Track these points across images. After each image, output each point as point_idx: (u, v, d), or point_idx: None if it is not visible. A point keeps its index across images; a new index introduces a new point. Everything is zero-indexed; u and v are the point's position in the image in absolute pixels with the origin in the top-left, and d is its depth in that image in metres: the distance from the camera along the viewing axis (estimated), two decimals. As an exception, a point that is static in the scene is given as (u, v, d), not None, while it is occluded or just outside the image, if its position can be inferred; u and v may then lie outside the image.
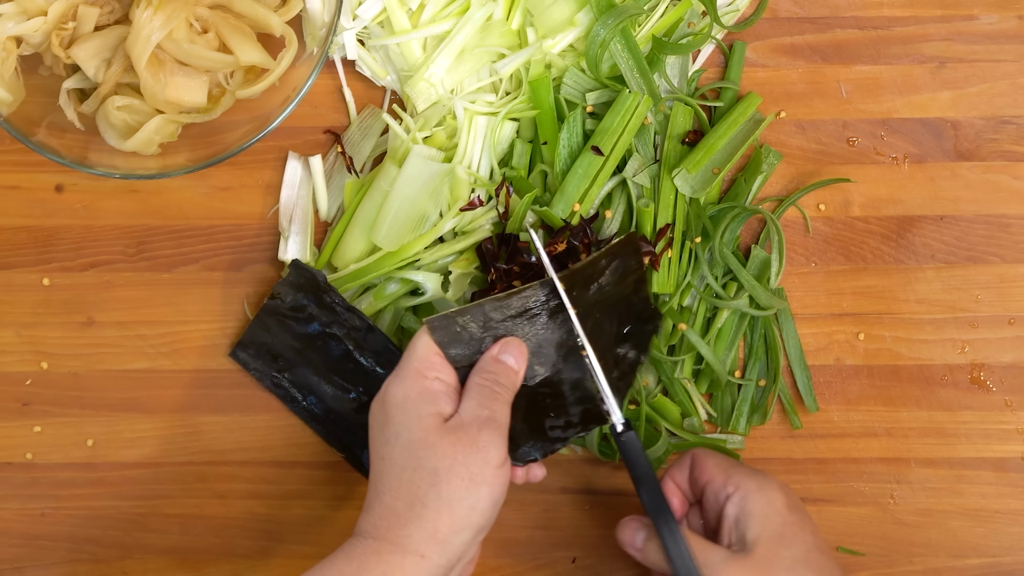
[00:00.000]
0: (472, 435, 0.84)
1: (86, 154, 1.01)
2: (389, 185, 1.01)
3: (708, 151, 1.01)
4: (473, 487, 0.83)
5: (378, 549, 0.83)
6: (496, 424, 0.85)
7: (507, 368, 0.89)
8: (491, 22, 1.03)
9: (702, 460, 0.91)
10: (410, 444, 0.84)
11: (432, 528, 0.82)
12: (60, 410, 1.05)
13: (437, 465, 0.83)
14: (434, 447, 0.83)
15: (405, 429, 0.84)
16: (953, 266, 1.04)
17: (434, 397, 0.86)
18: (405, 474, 0.83)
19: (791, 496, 0.89)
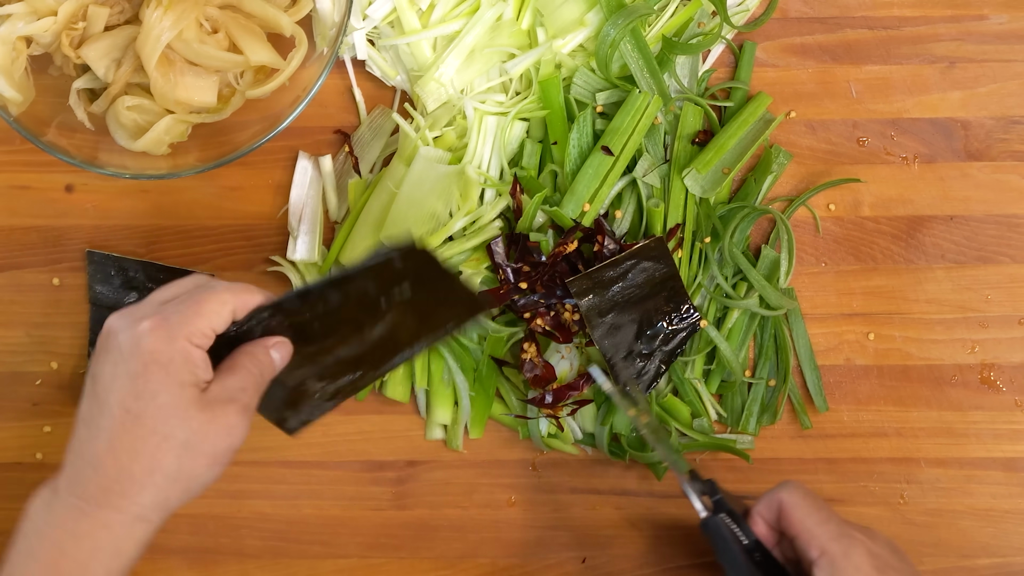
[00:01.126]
0: (229, 417, 0.80)
1: (96, 154, 1.00)
2: (397, 185, 1.01)
3: (718, 151, 1.00)
4: (212, 466, 0.80)
5: (106, 520, 0.78)
6: (250, 412, 0.82)
7: (271, 362, 0.84)
8: (501, 22, 1.02)
9: (789, 513, 0.88)
10: (165, 409, 0.78)
11: (164, 497, 0.79)
12: (70, 410, 1.04)
13: (188, 439, 0.78)
14: (190, 419, 0.78)
15: (164, 391, 0.78)
16: (963, 266, 1.03)
17: (195, 364, 0.80)
18: (153, 439, 0.78)
19: (879, 556, 0.86)
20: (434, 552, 1.03)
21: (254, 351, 0.83)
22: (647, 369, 0.97)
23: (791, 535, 0.88)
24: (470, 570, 1.03)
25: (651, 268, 0.97)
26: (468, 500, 1.03)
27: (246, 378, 0.82)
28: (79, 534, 0.79)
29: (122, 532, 0.79)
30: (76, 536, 0.79)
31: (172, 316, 0.80)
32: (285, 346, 0.85)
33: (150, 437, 0.79)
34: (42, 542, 0.79)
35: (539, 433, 1.02)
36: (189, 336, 0.80)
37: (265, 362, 0.84)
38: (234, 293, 0.82)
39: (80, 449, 0.81)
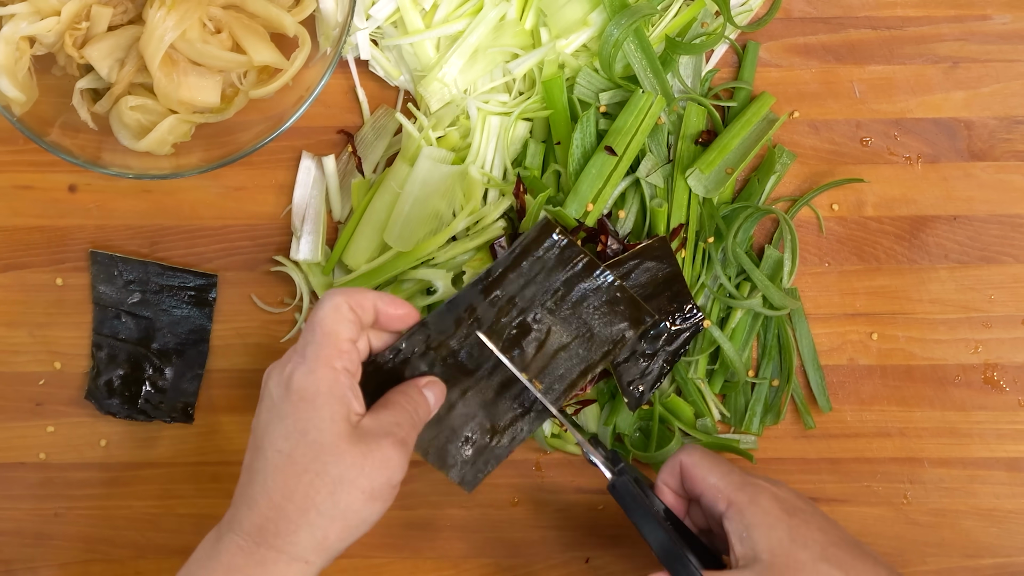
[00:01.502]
0: (384, 451, 0.79)
1: (99, 154, 1.00)
2: (400, 185, 1.00)
3: (721, 151, 1.00)
4: (371, 502, 0.79)
5: (262, 558, 0.78)
6: (406, 448, 0.81)
7: (427, 403, 0.85)
8: (504, 22, 1.02)
9: (690, 472, 0.88)
10: (316, 445, 0.78)
11: (322, 536, 0.78)
12: (73, 410, 1.04)
13: (342, 474, 0.78)
14: (343, 455, 0.78)
15: (314, 428, 0.79)
16: (966, 266, 1.03)
17: (344, 394, 0.80)
18: (306, 476, 0.78)
19: (785, 500, 0.86)
20: (437, 552, 1.03)
21: (406, 389, 0.84)
22: (651, 369, 0.97)
23: (696, 494, 0.88)
24: (473, 570, 1.03)
25: (654, 268, 0.96)
26: (471, 500, 1.03)
27: (400, 413, 0.82)
28: (235, 568, 0.78)
29: (277, 571, 0.78)
30: (232, 570, 0.78)
31: (306, 349, 0.81)
32: (437, 384, 0.86)
33: (303, 475, 0.78)
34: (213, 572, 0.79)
35: (543, 434, 1.02)
36: (328, 360, 0.80)
37: (418, 399, 0.84)
38: (343, 293, 0.82)
39: (241, 492, 0.81)
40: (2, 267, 1.05)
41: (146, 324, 1.04)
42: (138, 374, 1.03)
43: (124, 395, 1.03)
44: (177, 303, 1.04)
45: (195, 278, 1.04)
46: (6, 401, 1.04)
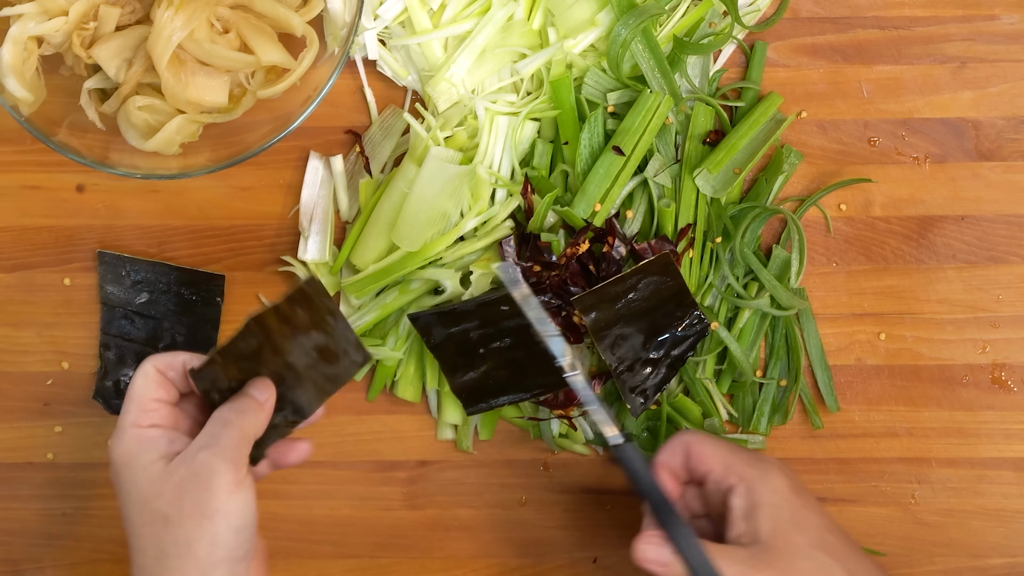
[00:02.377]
0: (194, 467, 0.79)
1: (107, 154, 0.99)
2: (408, 185, 1.00)
3: (729, 151, 0.99)
4: (206, 521, 0.78)
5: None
6: (219, 449, 0.80)
7: (249, 400, 0.84)
8: (512, 22, 1.01)
9: (698, 449, 0.88)
10: (141, 498, 0.80)
11: (198, 571, 0.78)
12: (81, 410, 1.04)
13: (167, 511, 0.79)
14: (162, 493, 0.79)
15: (134, 485, 0.80)
16: (974, 266, 1.02)
17: (152, 442, 0.81)
18: (144, 530, 0.80)
19: (793, 478, 0.87)
20: (445, 552, 1.02)
21: (230, 402, 0.84)
22: (656, 373, 0.96)
23: (703, 471, 0.88)
24: (481, 570, 1.02)
25: (657, 281, 0.95)
26: (479, 500, 1.02)
27: (214, 424, 0.82)
28: None
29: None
30: None
31: (120, 418, 0.83)
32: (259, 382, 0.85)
33: (141, 530, 0.80)
34: None
35: (551, 433, 1.01)
36: (134, 422, 0.82)
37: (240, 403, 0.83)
38: (152, 359, 0.84)
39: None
40: (10, 267, 1.04)
41: (154, 324, 1.03)
42: (146, 374, 1.02)
43: (132, 395, 1.02)
44: (185, 303, 1.03)
45: (203, 278, 1.03)
46: (14, 401, 1.04)
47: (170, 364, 0.85)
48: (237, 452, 0.81)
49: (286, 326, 0.86)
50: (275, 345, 0.86)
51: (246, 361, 0.85)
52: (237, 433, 0.82)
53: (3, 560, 1.03)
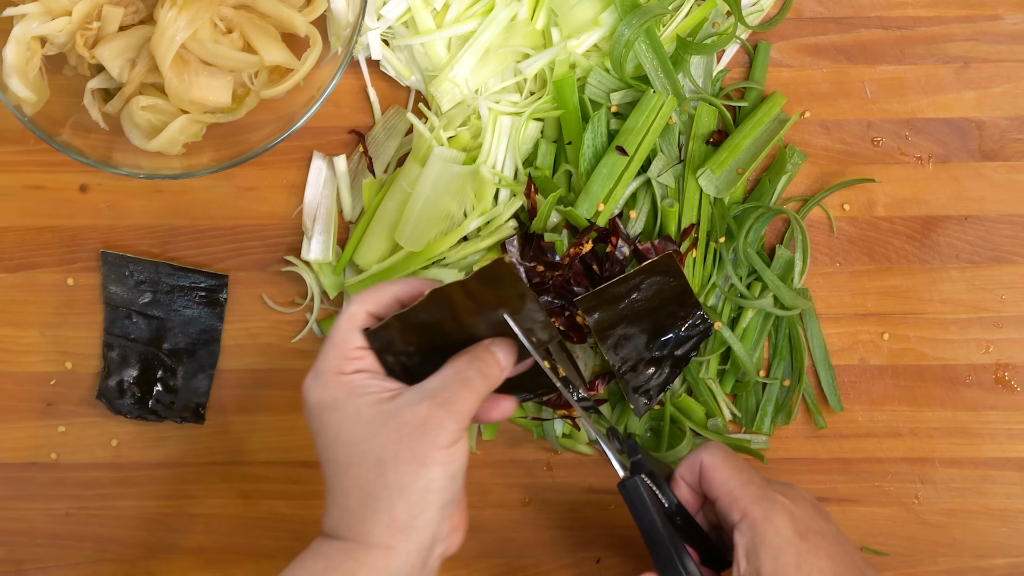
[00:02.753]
0: (419, 416, 0.77)
1: (110, 154, 0.99)
2: (411, 185, 0.99)
3: (733, 151, 0.99)
4: (423, 469, 0.77)
5: (343, 548, 0.78)
6: (451, 408, 0.78)
7: (493, 361, 0.82)
8: (516, 22, 1.01)
9: (709, 475, 0.86)
10: (352, 440, 0.78)
11: (389, 519, 0.77)
12: (85, 410, 1.03)
13: (381, 454, 0.77)
14: (376, 436, 0.78)
15: (344, 427, 0.79)
16: (978, 266, 1.02)
17: (363, 389, 0.80)
18: (352, 471, 0.78)
19: (801, 520, 0.84)
20: (449, 552, 1.02)
21: (471, 350, 0.82)
22: (659, 374, 0.96)
23: (712, 497, 0.86)
24: (484, 570, 1.02)
25: (661, 282, 0.95)
26: (482, 500, 1.02)
27: (446, 375, 0.80)
28: (321, 555, 0.79)
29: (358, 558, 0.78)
30: (319, 557, 0.79)
31: (318, 364, 0.82)
32: (505, 342, 0.82)
33: (350, 471, 0.78)
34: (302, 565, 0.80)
35: (554, 433, 1.01)
36: (338, 369, 0.81)
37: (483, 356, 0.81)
38: (360, 300, 0.82)
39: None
40: (13, 267, 1.04)
41: (157, 324, 1.03)
42: (149, 374, 1.02)
43: (135, 395, 1.02)
44: (188, 303, 1.03)
45: (206, 278, 1.03)
46: (17, 401, 1.03)
47: (378, 302, 0.83)
48: (467, 416, 0.79)
49: (471, 301, 0.82)
50: (457, 318, 0.82)
51: (425, 331, 0.83)
52: (474, 397, 0.79)
53: (7, 560, 1.03)
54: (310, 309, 1.03)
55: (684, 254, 0.99)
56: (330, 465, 0.80)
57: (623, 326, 0.95)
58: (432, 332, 0.82)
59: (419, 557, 0.78)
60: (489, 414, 0.85)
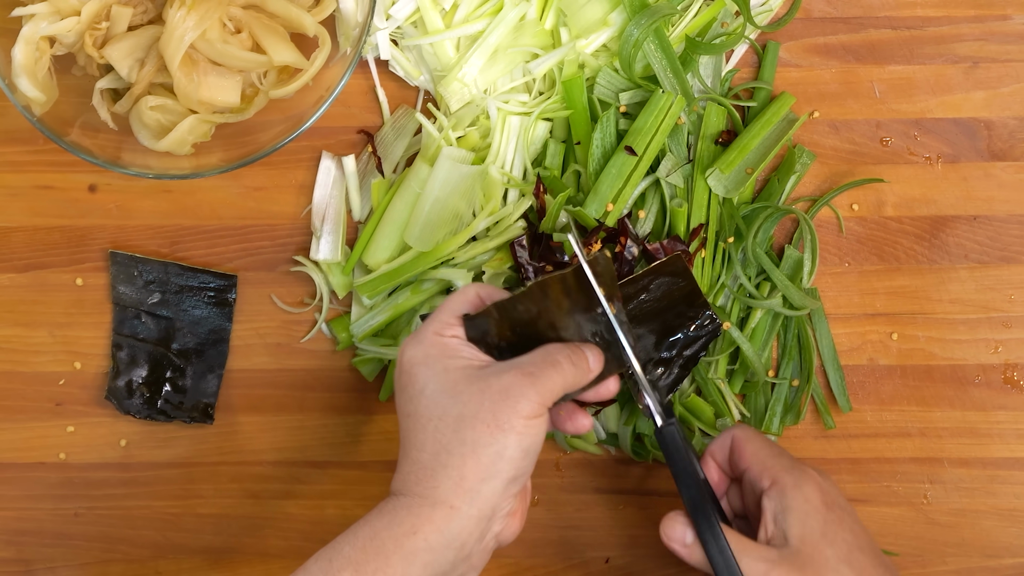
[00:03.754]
0: (504, 382, 0.78)
1: (119, 154, 0.98)
2: (420, 186, 0.99)
3: (741, 151, 0.98)
4: (499, 433, 0.77)
5: (408, 504, 0.79)
6: (536, 381, 0.79)
7: (584, 359, 0.83)
8: (524, 22, 1.00)
9: (741, 446, 0.88)
10: (436, 394, 0.79)
11: (458, 476, 0.78)
12: (93, 410, 1.03)
13: (462, 411, 0.78)
14: (460, 394, 0.78)
15: (431, 381, 0.80)
16: (987, 266, 1.01)
17: (457, 351, 0.81)
18: (430, 424, 0.79)
19: (828, 492, 0.86)
20: (458, 552, 1.01)
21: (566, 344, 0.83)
22: (669, 374, 0.95)
23: (743, 468, 0.87)
24: (493, 570, 1.01)
25: (669, 282, 0.94)
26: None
27: (537, 355, 0.81)
28: (385, 513, 0.79)
29: (423, 515, 0.78)
30: (383, 515, 0.79)
31: (420, 328, 0.84)
32: (597, 350, 0.84)
33: (427, 425, 0.79)
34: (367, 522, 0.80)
35: (562, 434, 1.00)
36: (437, 330, 0.82)
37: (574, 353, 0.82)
38: (477, 286, 0.85)
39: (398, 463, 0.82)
40: (22, 267, 1.03)
41: (166, 324, 1.02)
42: (158, 374, 1.02)
43: (144, 395, 1.01)
44: (197, 303, 1.02)
45: (215, 278, 1.02)
46: (26, 401, 1.03)
47: (491, 294, 0.85)
48: (550, 393, 0.80)
49: (567, 299, 0.83)
50: (552, 317, 0.83)
51: (520, 325, 0.83)
52: (559, 379, 0.80)
53: (15, 560, 1.02)
54: (319, 309, 1.02)
55: (693, 254, 0.98)
56: (410, 420, 0.80)
57: (632, 326, 0.94)
58: (526, 328, 0.83)
59: (478, 526, 0.79)
60: (565, 424, 0.87)
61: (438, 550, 0.78)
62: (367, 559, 0.78)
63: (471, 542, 0.79)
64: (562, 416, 0.87)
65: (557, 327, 0.84)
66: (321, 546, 1.00)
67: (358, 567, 0.78)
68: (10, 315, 1.03)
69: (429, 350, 0.81)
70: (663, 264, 0.94)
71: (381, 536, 0.78)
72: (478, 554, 0.80)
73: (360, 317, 1.01)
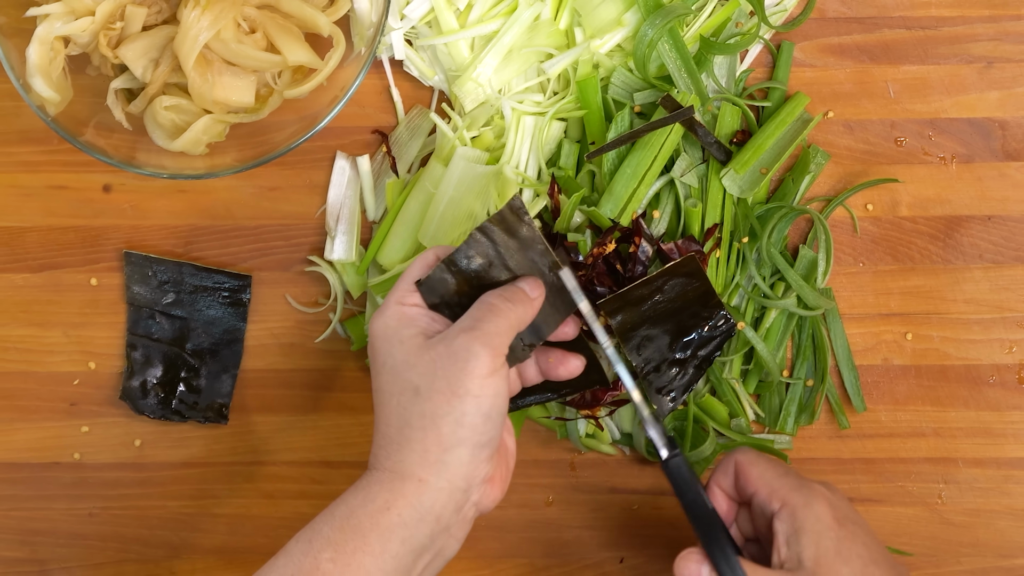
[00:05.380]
0: (453, 347, 0.77)
1: (134, 154, 0.97)
2: (435, 186, 0.98)
3: (756, 151, 0.97)
4: (455, 400, 0.77)
5: (380, 479, 0.78)
6: (480, 333, 0.78)
7: (517, 291, 0.81)
8: (539, 22, 0.99)
9: (746, 470, 0.85)
10: (395, 368, 0.79)
11: (421, 449, 0.77)
12: (108, 410, 1.01)
13: (418, 383, 0.78)
14: (415, 366, 0.78)
15: (390, 356, 0.80)
16: (1001, 266, 1.00)
17: (413, 319, 0.81)
18: (393, 399, 0.79)
19: (839, 508, 0.83)
20: (472, 552, 1.00)
21: (499, 289, 0.82)
22: (683, 374, 0.94)
23: (749, 493, 0.85)
24: (508, 570, 1.00)
25: (683, 283, 0.93)
26: (506, 500, 0.98)
27: (480, 308, 0.80)
28: (360, 489, 0.79)
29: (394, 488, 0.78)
30: (357, 491, 0.79)
31: (383, 303, 0.83)
32: (531, 278, 0.83)
33: (390, 399, 0.79)
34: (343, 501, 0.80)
35: (578, 433, 0.99)
36: (398, 300, 0.81)
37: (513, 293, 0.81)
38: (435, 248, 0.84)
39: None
40: (37, 267, 1.02)
41: (180, 324, 1.01)
42: (172, 374, 1.00)
43: (159, 395, 1.00)
44: (211, 303, 1.01)
45: (229, 279, 1.01)
46: (41, 401, 1.01)
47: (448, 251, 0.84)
48: (498, 339, 0.78)
49: (513, 239, 0.81)
50: (503, 261, 0.82)
51: (476, 278, 0.82)
52: (502, 321, 0.79)
53: (30, 560, 1.01)
54: (333, 309, 1.01)
55: (707, 254, 0.96)
56: (378, 394, 0.81)
57: (646, 327, 0.93)
58: (482, 279, 0.82)
59: (451, 498, 0.78)
60: (557, 370, 0.86)
61: (412, 524, 0.77)
62: (345, 538, 0.77)
63: (447, 514, 0.78)
64: (552, 363, 0.86)
65: (511, 269, 0.82)
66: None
67: (337, 547, 0.77)
68: (25, 315, 1.02)
69: (389, 321, 0.81)
70: (677, 265, 0.93)
71: (357, 514, 0.78)
72: (457, 524, 0.80)
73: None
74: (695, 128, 0.96)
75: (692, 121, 0.95)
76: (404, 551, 0.77)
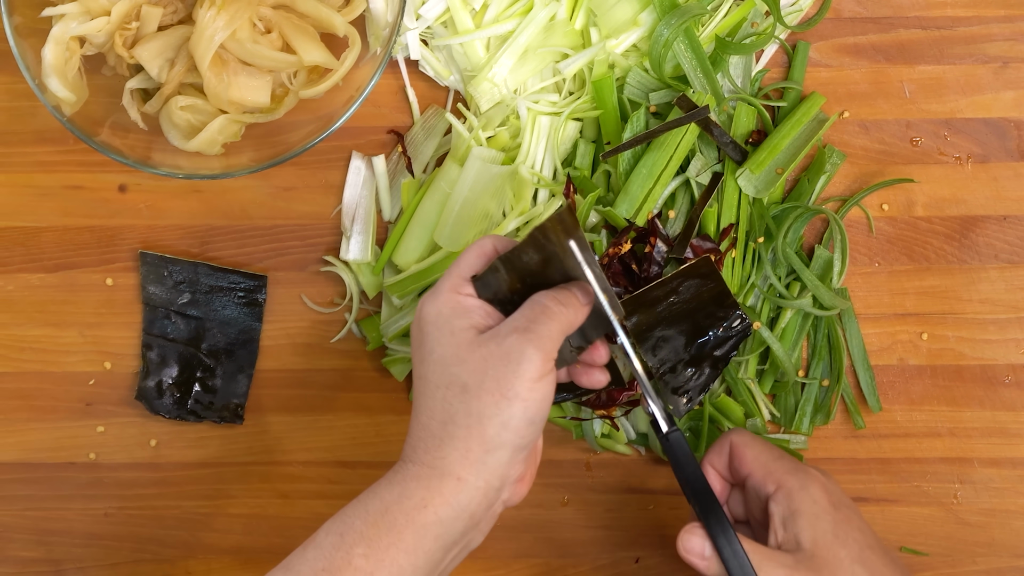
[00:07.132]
0: (504, 347, 0.75)
1: (149, 154, 0.95)
2: (450, 186, 0.96)
3: (772, 151, 0.95)
4: (504, 402, 0.74)
5: (417, 474, 0.76)
6: (533, 336, 0.75)
7: (569, 294, 0.79)
8: (554, 22, 0.97)
9: (740, 451, 0.85)
10: (443, 360, 0.76)
11: (464, 448, 0.75)
12: (123, 410, 1.00)
13: (467, 380, 0.75)
14: (465, 361, 0.76)
15: (439, 345, 0.77)
16: (1017, 266, 0.98)
17: (467, 311, 0.78)
18: (439, 392, 0.76)
19: (833, 492, 0.83)
20: (488, 552, 0.98)
21: (552, 291, 0.79)
22: (699, 374, 0.92)
23: (744, 475, 0.84)
24: (523, 570, 0.99)
25: (698, 284, 0.91)
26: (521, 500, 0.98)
27: (533, 308, 0.77)
28: (395, 483, 0.77)
29: (431, 486, 0.76)
30: (393, 485, 0.77)
31: (438, 281, 0.80)
32: (583, 285, 0.79)
33: (435, 392, 0.76)
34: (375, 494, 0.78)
35: (593, 434, 0.97)
36: (452, 288, 0.78)
37: (564, 296, 0.78)
38: (492, 237, 0.81)
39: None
40: (52, 267, 1.00)
41: (196, 324, 0.99)
42: (188, 374, 0.99)
43: (174, 395, 0.99)
44: (227, 303, 0.99)
45: (245, 279, 0.99)
46: (56, 401, 1.00)
47: (506, 246, 0.81)
48: (550, 343, 0.76)
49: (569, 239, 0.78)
50: (559, 261, 0.79)
51: (529, 275, 0.79)
52: (555, 324, 0.77)
53: (45, 560, 0.99)
54: (349, 309, 0.99)
55: (723, 254, 0.95)
56: (421, 382, 0.78)
57: (661, 328, 0.91)
58: (535, 277, 0.79)
59: (486, 496, 0.77)
60: (580, 378, 0.84)
61: (448, 522, 0.76)
62: (379, 534, 0.75)
63: (480, 511, 0.77)
64: (578, 369, 0.84)
65: (565, 270, 0.80)
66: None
67: (371, 543, 0.75)
68: (40, 315, 1.00)
69: (442, 308, 0.78)
70: (692, 266, 0.91)
71: (392, 511, 0.76)
72: (486, 520, 0.79)
73: (390, 317, 0.98)
74: (711, 128, 0.94)
75: (708, 121, 0.94)
76: (436, 547, 0.76)
